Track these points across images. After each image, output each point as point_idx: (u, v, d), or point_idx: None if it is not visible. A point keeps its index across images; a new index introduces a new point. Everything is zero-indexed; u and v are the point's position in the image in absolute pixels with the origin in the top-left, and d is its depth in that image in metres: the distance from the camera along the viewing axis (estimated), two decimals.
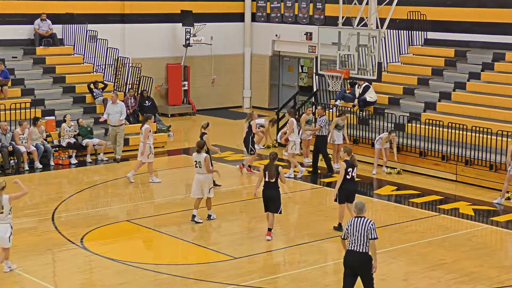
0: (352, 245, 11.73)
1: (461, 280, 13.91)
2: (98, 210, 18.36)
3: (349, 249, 11.76)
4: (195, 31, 30.13)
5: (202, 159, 16.82)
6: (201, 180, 16.93)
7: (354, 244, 11.70)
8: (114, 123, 22.76)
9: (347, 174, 16.06)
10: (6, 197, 13.69)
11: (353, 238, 11.70)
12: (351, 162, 16.15)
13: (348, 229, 11.75)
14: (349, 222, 11.85)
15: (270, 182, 15.82)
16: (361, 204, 11.99)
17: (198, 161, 16.86)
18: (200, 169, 16.88)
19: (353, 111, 23.95)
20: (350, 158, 16.18)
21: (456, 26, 25.73)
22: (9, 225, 13.78)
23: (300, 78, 32.66)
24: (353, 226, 11.73)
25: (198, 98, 31.56)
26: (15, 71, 25.19)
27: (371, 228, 11.70)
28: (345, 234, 11.84)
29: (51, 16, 27.03)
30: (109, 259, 14.80)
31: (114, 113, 22.75)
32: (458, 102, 23.09)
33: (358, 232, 11.67)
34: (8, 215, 13.74)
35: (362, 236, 11.66)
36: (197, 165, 16.88)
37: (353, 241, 11.70)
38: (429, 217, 18.06)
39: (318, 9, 30.16)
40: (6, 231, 13.69)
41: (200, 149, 16.92)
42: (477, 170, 20.56)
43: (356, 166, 16.25)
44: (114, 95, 23.17)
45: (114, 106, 22.82)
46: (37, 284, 13.54)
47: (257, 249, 15.66)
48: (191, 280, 13.88)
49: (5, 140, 21.69)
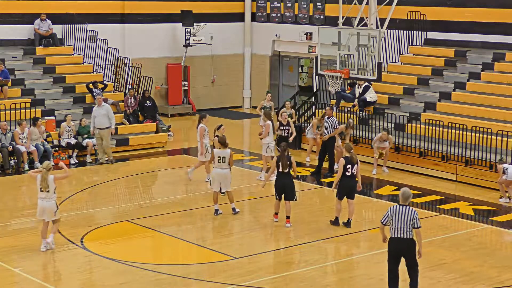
0: (396, 232, 12.22)
1: (461, 280, 13.91)
2: (98, 210, 18.35)
3: (394, 237, 12.25)
4: (195, 31, 30.13)
5: (227, 155, 17.24)
6: (223, 175, 17.31)
7: (399, 231, 12.20)
8: (100, 126, 22.43)
9: (346, 171, 16.35)
10: (51, 177, 15.06)
11: (398, 226, 12.18)
12: (350, 159, 16.36)
13: (391, 215, 12.21)
14: (393, 209, 12.26)
15: (284, 172, 16.70)
16: (408, 193, 12.37)
17: (222, 157, 17.26)
18: (223, 164, 17.25)
19: (353, 111, 23.95)
20: (350, 155, 16.40)
21: (456, 26, 25.73)
22: (54, 202, 15.19)
23: (300, 78, 32.65)
24: (397, 214, 12.17)
25: (198, 98, 31.56)
26: (15, 71, 25.19)
27: (416, 218, 12.21)
28: (387, 219, 12.28)
29: (51, 16, 27.03)
30: (109, 259, 14.80)
31: (100, 116, 22.46)
32: (458, 102, 23.09)
33: (402, 220, 12.15)
34: (53, 194, 15.09)
35: (406, 224, 12.15)
36: (220, 161, 17.27)
37: (398, 229, 12.20)
38: (429, 217, 18.06)
39: (318, 9, 30.17)
40: (52, 207, 15.11)
41: (224, 145, 17.33)
42: (477, 170, 20.56)
43: (356, 163, 16.47)
44: (100, 97, 22.94)
45: (100, 109, 22.52)
46: (37, 284, 13.54)
47: (257, 249, 15.67)
48: (191, 280, 13.88)
49: (5, 140, 21.69)
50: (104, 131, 22.42)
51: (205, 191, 19.62)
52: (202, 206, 18.27)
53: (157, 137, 25.27)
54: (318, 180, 21.13)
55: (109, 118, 22.56)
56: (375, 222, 17.78)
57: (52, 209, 15.13)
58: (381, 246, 15.61)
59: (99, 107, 22.60)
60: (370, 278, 14.03)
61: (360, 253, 15.50)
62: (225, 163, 17.29)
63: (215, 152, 17.49)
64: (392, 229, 12.28)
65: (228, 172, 17.41)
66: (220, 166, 17.33)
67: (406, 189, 12.53)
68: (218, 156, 17.35)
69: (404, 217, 12.16)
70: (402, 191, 12.43)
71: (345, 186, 16.52)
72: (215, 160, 17.38)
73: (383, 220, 12.41)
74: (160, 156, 24.10)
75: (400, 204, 12.33)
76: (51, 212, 15.13)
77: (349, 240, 16.21)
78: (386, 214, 12.37)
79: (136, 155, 23.71)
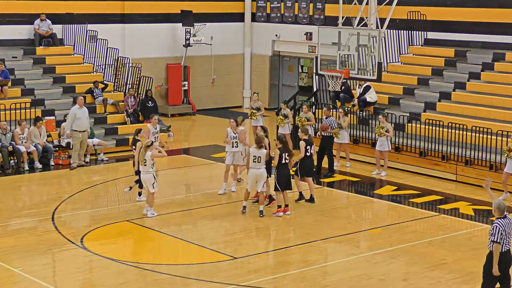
0: (506, 246, 11.71)
1: (461, 280, 13.91)
2: (98, 210, 18.36)
3: (505, 251, 11.72)
4: (195, 31, 30.13)
5: (262, 155, 17.22)
6: (259, 175, 17.28)
7: (507, 243, 11.72)
8: (83, 128, 21.97)
9: (306, 151, 18.25)
10: (149, 154, 17.01)
11: (507, 239, 11.69)
12: (309, 140, 18.44)
13: (503, 232, 11.62)
14: (502, 225, 11.62)
15: (285, 163, 17.43)
16: (504, 205, 11.82)
17: (258, 156, 17.23)
18: (258, 164, 17.22)
19: (353, 111, 23.96)
20: (308, 137, 18.48)
21: (456, 26, 25.73)
22: (152, 175, 17.09)
23: (300, 78, 32.66)
24: (506, 227, 11.64)
25: (198, 98, 31.56)
26: (15, 71, 25.20)
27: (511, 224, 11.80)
28: (501, 237, 11.63)
29: (51, 16, 27.03)
30: (109, 259, 14.80)
31: (84, 118, 22.04)
32: (458, 102, 23.10)
33: (508, 231, 11.69)
34: (151, 168, 17.04)
35: (509, 235, 11.75)
36: (255, 160, 17.23)
37: (507, 241, 11.70)
38: (429, 217, 18.06)
39: (318, 9, 30.16)
40: (149, 179, 17.04)
41: (260, 145, 17.28)
42: (477, 170, 20.56)
43: (313, 143, 18.61)
44: (82, 98, 22.48)
45: (82, 111, 22.08)
46: (37, 284, 13.53)
47: (257, 249, 15.68)
48: (191, 280, 13.88)
49: (5, 140, 21.69)
50: (85, 133, 22.15)
51: (205, 191, 19.65)
52: (202, 206, 18.27)
53: None
54: (318, 180, 21.11)
55: (88, 120, 22.31)
56: (375, 222, 17.81)
57: (150, 181, 17.03)
58: (381, 246, 15.66)
59: (81, 108, 22.08)
60: (370, 278, 14.03)
61: (360, 253, 15.50)
62: (260, 163, 17.23)
63: (251, 151, 17.39)
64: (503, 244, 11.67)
65: (263, 172, 17.35)
66: (255, 165, 17.23)
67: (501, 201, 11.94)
68: (253, 156, 17.25)
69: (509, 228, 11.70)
70: (500, 205, 11.74)
71: (305, 165, 18.37)
72: (251, 159, 17.28)
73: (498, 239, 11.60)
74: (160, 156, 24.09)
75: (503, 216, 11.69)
76: (150, 183, 17.02)
77: (349, 240, 16.21)
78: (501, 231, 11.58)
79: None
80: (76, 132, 21.93)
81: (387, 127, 21.49)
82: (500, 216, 11.71)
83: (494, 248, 11.60)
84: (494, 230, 11.56)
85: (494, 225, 11.61)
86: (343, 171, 22.14)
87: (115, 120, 25.16)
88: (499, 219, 11.67)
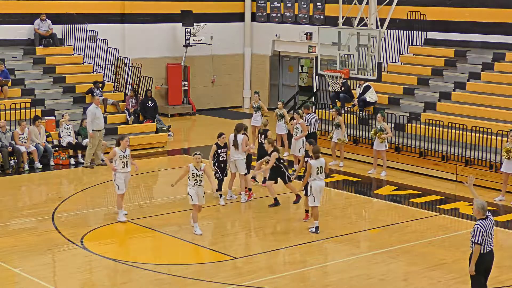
0: (489, 246, 11.78)
1: (461, 280, 13.89)
2: (98, 210, 18.35)
3: (487, 251, 11.78)
4: (195, 31, 30.13)
5: (323, 164, 16.28)
6: (323, 187, 16.47)
7: (489, 244, 11.78)
8: (100, 128, 22.14)
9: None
10: (240, 137, 18.35)
11: (489, 240, 11.75)
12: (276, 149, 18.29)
13: (484, 233, 11.66)
14: (484, 226, 11.66)
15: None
16: (485, 204, 11.91)
17: (319, 167, 16.20)
18: (321, 175, 16.25)
19: (353, 111, 23.95)
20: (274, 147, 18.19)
21: (456, 26, 25.73)
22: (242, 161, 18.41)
23: (300, 78, 32.66)
24: (488, 228, 11.70)
25: (198, 98, 31.56)
26: (15, 71, 25.19)
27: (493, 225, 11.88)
28: (482, 238, 11.66)
29: (51, 16, 27.03)
30: (109, 259, 14.80)
31: (101, 117, 22.24)
32: (458, 102, 23.10)
33: (490, 232, 11.75)
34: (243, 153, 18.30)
35: (491, 235, 11.80)
36: (318, 171, 16.19)
37: (489, 242, 11.76)
38: (429, 217, 18.06)
39: (318, 9, 30.17)
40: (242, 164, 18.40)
41: (317, 155, 16.24)
42: (477, 170, 20.55)
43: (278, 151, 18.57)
44: (98, 98, 22.86)
45: (99, 110, 22.31)
46: (37, 284, 13.53)
47: (257, 249, 15.68)
48: (191, 280, 13.88)
49: (5, 139, 21.69)
50: (102, 132, 22.38)
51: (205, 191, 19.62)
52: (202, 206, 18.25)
53: (157, 137, 25.27)
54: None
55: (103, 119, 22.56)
56: (375, 222, 17.80)
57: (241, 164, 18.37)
58: (381, 246, 15.66)
59: (98, 108, 22.36)
60: (370, 278, 14.03)
61: (360, 253, 15.50)
62: (322, 173, 16.22)
63: (312, 163, 16.07)
64: (485, 244, 11.73)
65: (324, 184, 16.45)
66: (319, 177, 16.15)
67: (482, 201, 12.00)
68: (316, 167, 16.11)
69: (491, 228, 11.76)
70: (483, 205, 11.82)
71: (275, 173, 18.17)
72: (313, 172, 16.08)
73: (479, 240, 11.64)
74: (160, 156, 24.10)
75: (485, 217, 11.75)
76: (241, 168, 18.37)
77: (349, 240, 16.21)
78: (482, 232, 11.63)
79: (136, 155, 23.65)
80: (95, 132, 22.07)
81: (383, 127, 21.48)
82: (482, 217, 11.79)
83: (475, 249, 11.70)
84: (475, 232, 11.66)
85: (475, 227, 11.70)
86: (343, 171, 22.14)
87: (115, 120, 25.15)
88: (481, 220, 11.75)
